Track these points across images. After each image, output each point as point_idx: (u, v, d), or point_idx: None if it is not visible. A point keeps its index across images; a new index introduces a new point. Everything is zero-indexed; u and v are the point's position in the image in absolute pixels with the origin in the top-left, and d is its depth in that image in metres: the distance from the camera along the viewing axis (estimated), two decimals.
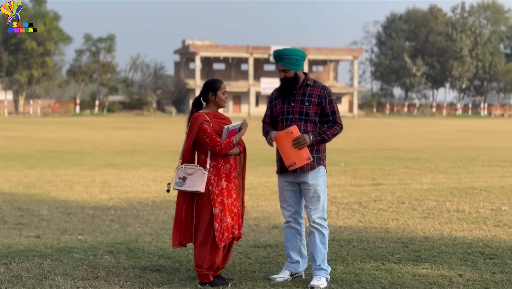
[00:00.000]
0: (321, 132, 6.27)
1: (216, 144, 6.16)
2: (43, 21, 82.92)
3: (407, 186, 13.82)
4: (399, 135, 37.13)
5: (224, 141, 6.21)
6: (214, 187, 6.22)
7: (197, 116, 6.25)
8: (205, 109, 6.36)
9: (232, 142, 6.25)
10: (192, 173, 6.20)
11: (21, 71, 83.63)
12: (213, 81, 6.39)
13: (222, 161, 6.28)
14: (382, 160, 20.51)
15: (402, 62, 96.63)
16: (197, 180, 6.17)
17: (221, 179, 6.26)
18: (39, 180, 14.52)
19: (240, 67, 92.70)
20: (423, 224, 9.49)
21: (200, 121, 6.20)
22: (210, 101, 6.35)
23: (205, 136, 6.17)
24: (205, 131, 6.17)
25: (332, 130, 6.30)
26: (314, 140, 6.23)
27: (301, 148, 6.16)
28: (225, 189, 6.28)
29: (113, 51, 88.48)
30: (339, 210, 10.70)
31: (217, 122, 6.33)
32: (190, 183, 6.18)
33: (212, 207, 6.19)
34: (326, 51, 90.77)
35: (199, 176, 6.18)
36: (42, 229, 8.94)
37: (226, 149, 6.20)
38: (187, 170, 6.22)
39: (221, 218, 6.22)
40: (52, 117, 74.54)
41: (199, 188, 6.15)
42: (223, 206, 6.25)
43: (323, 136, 6.28)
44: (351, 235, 8.59)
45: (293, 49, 6.31)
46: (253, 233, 8.73)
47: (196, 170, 6.20)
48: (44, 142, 28.25)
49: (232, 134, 6.30)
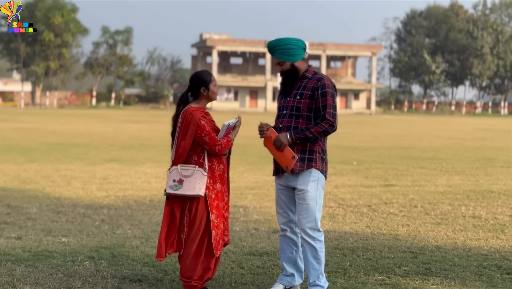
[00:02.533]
0: (304, 129, 5.54)
1: (216, 143, 5.55)
2: (61, 12, 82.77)
3: (421, 188, 13.12)
4: (416, 133, 36.31)
5: (224, 140, 5.60)
6: (210, 190, 5.61)
7: (191, 111, 5.62)
8: (195, 104, 5.72)
9: (231, 141, 5.65)
10: (190, 175, 5.54)
11: (38, 63, 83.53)
12: (203, 74, 5.75)
13: (216, 161, 5.67)
14: (396, 159, 19.79)
15: (422, 59, 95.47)
16: (197, 183, 5.52)
17: (216, 181, 5.65)
18: (37, 175, 13.97)
19: (258, 61, 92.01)
20: (435, 231, 8.81)
21: (198, 117, 5.57)
22: (201, 96, 5.72)
23: (203, 134, 5.54)
24: (203, 128, 5.55)
25: (318, 127, 5.53)
26: (295, 138, 5.53)
27: (281, 149, 5.52)
28: (220, 192, 5.67)
29: (130, 44, 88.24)
30: (347, 213, 10.04)
31: (209, 120, 5.73)
32: (189, 186, 5.52)
33: (209, 213, 5.57)
34: (344, 47, 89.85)
35: (198, 178, 5.53)
36: (26, 229, 8.36)
37: (226, 148, 5.61)
38: (183, 171, 5.57)
39: (217, 224, 5.62)
40: (68, 109, 74.34)
41: (200, 192, 5.51)
42: (219, 211, 5.64)
43: (306, 134, 5.53)
44: (357, 243, 7.93)
45: (286, 38, 5.66)
46: (250, 238, 8.10)
47: (194, 171, 5.54)
48: (53, 135, 27.78)
49: (228, 132, 5.69)
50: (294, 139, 5.52)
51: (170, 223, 5.64)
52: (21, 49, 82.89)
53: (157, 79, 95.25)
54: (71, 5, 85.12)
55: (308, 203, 5.61)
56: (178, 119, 5.67)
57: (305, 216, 5.61)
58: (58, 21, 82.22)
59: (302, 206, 5.62)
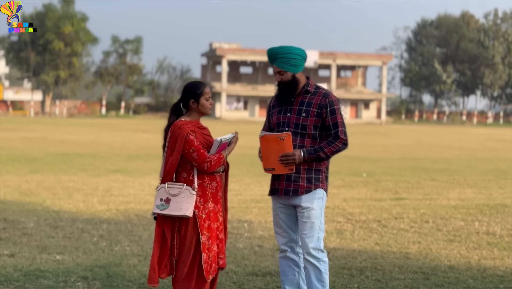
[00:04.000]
0: (318, 149, 5.22)
1: (205, 160, 5.16)
2: (71, 22, 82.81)
3: (432, 202, 12.72)
4: (427, 144, 35.85)
5: (214, 156, 5.19)
6: (200, 210, 5.23)
7: (180, 125, 5.24)
8: (186, 117, 5.34)
9: (223, 158, 5.24)
10: (177, 194, 5.17)
11: (48, 72, 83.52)
12: (194, 85, 5.37)
13: (208, 178, 5.27)
14: (407, 170, 19.38)
15: (432, 68, 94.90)
16: (184, 202, 5.15)
17: (207, 200, 5.26)
18: (38, 186, 13.66)
19: (267, 71, 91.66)
20: (448, 249, 8.42)
21: (186, 132, 5.19)
22: (191, 108, 5.36)
23: (191, 150, 5.16)
24: (192, 144, 5.17)
25: (331, 147, 5.23)
26: (308, 158, 5.19)
27: (287, 166, 5.17)
28: (212, 212, 5.29)
29: (140, 53, 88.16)
30: (355, 229, 9.66)
31: (201, 134, 5.34)
32: (175, 205, 5.15)
33: (199, 234, 5.19)
34: (354, 57, 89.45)
35: (186, 197, 5.16)
36: (20, 245, 8.02)
37: (216, 166, 5.20)
38: (171, 190, 5.20)
39: (209, 246, 5.23)
40: (78, 118, 74.23)
41: (187, 212, 5.14)
42: (210, 232, 5.26)
43: (319, 154, 5.21)
44: (365, 262, 7.55)
45: (290, 47, 5.30)
46: (254, 257, 7.73)
47: (182, 190, 5.16)
48: (59, 144, 27.52)
49: (222, 148, 5.30)
50: (306, 159, 5.19)
51: (162, 245, 5.27)
52: (31, 58, 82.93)
53: (166, 88, 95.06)
54: (81, 15, 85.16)
55: (313, 221, 5.26)
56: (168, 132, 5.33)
57: (309, 235, 5.26)
58: (68, 31, 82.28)
59: (306, 225, 5.27)
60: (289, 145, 5.15)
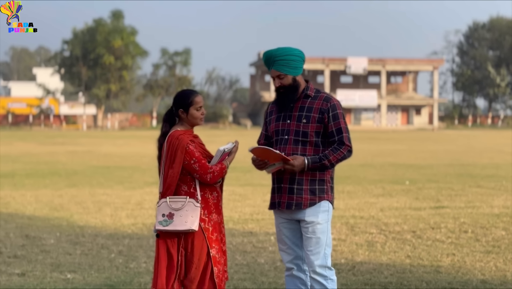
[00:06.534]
0: (322, 157, 4.82)
1: (208, 171, 4.85)
2: (121, 36, 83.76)
3: (475, 210, 12.11)
4: (478, 149, 34.85)
5: (217, 167, 4.89)
6: (206, 222, 4.90)
7: (178, 136, 4.94)
8: (180, 126, 5.05)
9: (225, 168, 4.93)
10: (180, 208, 4.86)
11: (99, 86, 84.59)
12: (185, 93, 5.06)
13: (209, 189, 4.96)
14: (453, 177, 18.70)
15: (486, 72, 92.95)
16: (189, 216, 4.84)
17: (211, 212, 4.95)
18: (70, 201, 13.51)
19: (316, 79, 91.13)
20: (483, 261, 7.88)
21: (185, 142, 4.90)
22: (181, 118, 5.05)
23: (192, 162, 4.85)
24: (192, 155, 4.87)
25: (336, 154, 4.82)
26: (311, 166, 4.80)
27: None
28: (217, 223, 4.96)
29: (189, 65, 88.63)
30: (387, 241, 9.17)
31: (198, 144, 5.03)
32: (180, 220, 4.84)
33: (209, 248, 4.86)
34: (404, 62, 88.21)
35: (190, 211, 4.85)
36: (34, 263, 7.79)
37: (219, 176, 4.90)
38: (173, 204, 4.88)
39: (219, 259, 4.90)
40: (129, 130, 74.91)
41: (193, 226, 4.83)
42: (218, 245, 4.92)
43: (323, 163, 4.81)
44: (391, 277, 7.08)
45: (288, 48, 4.91)
46: (273, 272, 7.33)
47: (185, 203, 4.85)
48: (103, 157, 27.56)
49: (223, 158, 4.97)
50: (309, 167, 4.80)
51: (168, 264, 4.93)
52: (83, 72, 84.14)
53: (216, 99, 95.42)
54: (130, 28, 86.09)
55: (319, 237, 4.86)
56: (163, 142, 5.01)
57: (315, 252, 4.86)
58: (118, 44, 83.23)
59: (311, 241, 4.87)
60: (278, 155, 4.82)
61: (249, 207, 12.55)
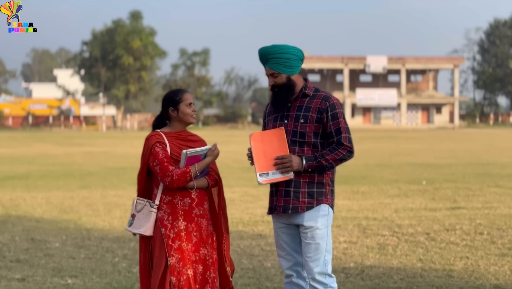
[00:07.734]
0: (318, 156, 4.59)
1: (166, 174, 4.64)
2: (139, 36, 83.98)
3: (492, 211, 11.81)
4: (499, 147, 34.35)
5: (178, 171, 4.65)
6: (168, 229, 4.70)
7: (149, 136, 4.80)
8: (166, 128, 4.88)
9: (189, 173, 4.67)
10: (140, 210, 4.76)
11: (118, 87, 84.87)
12: (173, 92, 4.90)
13: (179, 194, 4.75)
14: (471, 177, 18.36)
15: (507, 69, 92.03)
16: (143, 219, 4.73)
17: (177, 218, 4.73)
18: (80, 203, 13.38)
19: (335, 78, 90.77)
20: (498, 264, 7.61)
21: (151, 143, 4.73)
22: (172, 118, 4.86)
23: (155, 163, 4.69)
24: (156, 156, 4.69)
25: (334, 154, 4.58)
26: (308, 166, 4.57)
27: (284, 171, 4.56)
28: (184, 231, 4.73)
29: (207, 65, 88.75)
30: (400, 243, 8.91)
31: (179, 145, 4.80)
32: (137, 222, 4.76)
33: (167, 256, 4.66)
34: (424, 60, 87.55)
35: (145, 214, 4.74)
36: (35, 268, 7.63)
37: (179, 181, 4.65)
38: (137, 205, 4.79)
39: (179, 269, 4.66)
40: (148, 131, 74.86)
41: (143, 229, 4.70)
42: (182, 254, 4.69)
43: (321, 162, 4.57)
44: (401, 282, 6.83)
45: (284, 46, 4.67)
46: (279, 277, 7.11)
47: (143, 206, 4.74)
48: (120, 158, 27.48)
49: (194, 162, 4.73)
50: (306, 167, 4.57)
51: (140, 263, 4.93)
52: (102, 73, 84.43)
53: (235, 99, 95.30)
54: (149, 29, 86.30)
55: (318, 242, 4.63)
56: None
57: (314, 258, 4.63)
58: (137, 45, 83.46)
59: (310, 247, 4.64)
60: (283, 145, 4.57)
61: (260, 208, 12.35)
